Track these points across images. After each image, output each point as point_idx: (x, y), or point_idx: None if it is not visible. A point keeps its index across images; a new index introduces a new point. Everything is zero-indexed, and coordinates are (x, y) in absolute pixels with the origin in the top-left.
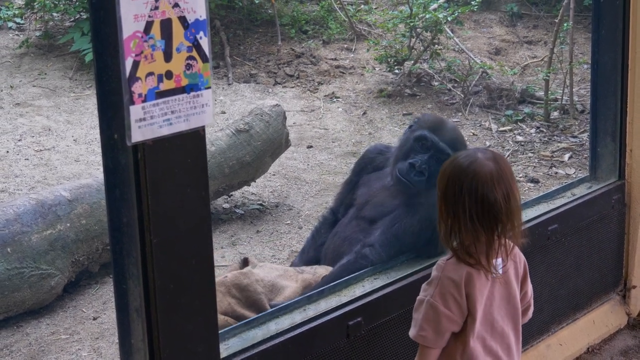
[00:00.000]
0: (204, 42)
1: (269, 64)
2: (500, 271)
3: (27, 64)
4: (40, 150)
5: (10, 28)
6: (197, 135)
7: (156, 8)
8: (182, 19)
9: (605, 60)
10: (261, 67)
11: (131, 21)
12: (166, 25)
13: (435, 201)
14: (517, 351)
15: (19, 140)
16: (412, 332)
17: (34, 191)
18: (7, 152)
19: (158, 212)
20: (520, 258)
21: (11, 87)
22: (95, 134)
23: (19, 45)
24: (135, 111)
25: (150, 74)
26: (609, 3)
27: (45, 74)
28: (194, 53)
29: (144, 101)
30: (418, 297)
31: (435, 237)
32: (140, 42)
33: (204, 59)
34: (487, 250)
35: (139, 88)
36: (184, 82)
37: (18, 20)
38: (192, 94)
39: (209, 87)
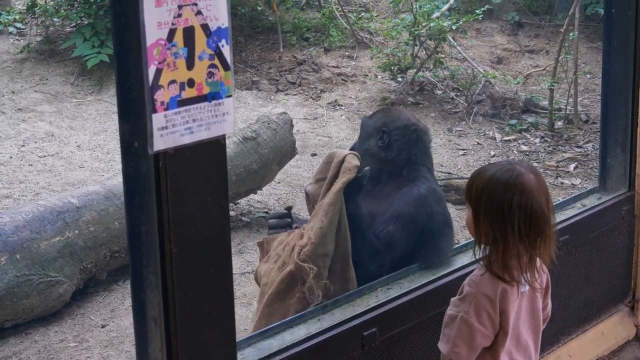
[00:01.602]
0: (226, 50)
1: (270, 71)
2: (535, 285)
3: (28, 69)
4: (44, 156)
5: (10, 33)
6: (217, 144)
7: (179, 15)
8: (205, 27)
9: (616, 70)
10: (263, 74)
11: (154, 28)
12: (189, 32)
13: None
14: None
15: (22, 145)
16: (444, 348)
17: (40, 197)
18: (11, 157)
19: (179, 220)
20: (544, 271)
21: (12, 92)
22: (99, 140)
23: (20, 51)
24: (158, 119)
25: (173, 81)
26: (620, 13)
27: (47, 79)
28: (216, 61)
29: (166, 109)
30: (449, 313)
31: (437, 243)
32: (163, 50)
33: (226, 67)
34: (527, 265)
35: (161, 96)
36: (206, 90)
37: (19, 25)
38: (213, 102)
39: (230, 96)
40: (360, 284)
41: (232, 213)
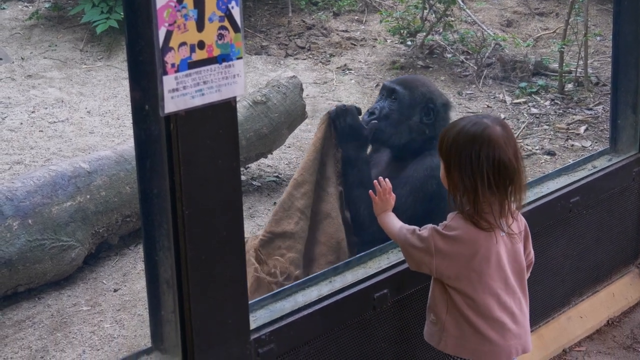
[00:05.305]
0: (236, 12)
1: (279, 36)
2: (509, 230)
3: (37, 36)
4: (54, 122)
5: (19, 0)
6: (228, 106)
7: None
8: None
9: (627, 31)
10: (272, 39)
11: None
12: None
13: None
14: (527, 306)
15: (32, 112)
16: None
17: (51, 163)
18: (21, 123)
19: (190, 183)
20: (521, 218)
21: (22, 58)
22: (109, 106)
23: (29, 17)
24: (168, 81)
25: (183, 43)
26: None
27: (56, 45)
28: (226, 23)
29: (176, 71)
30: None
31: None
32: (173, 12)
33: (236, 28)
34: (501, 211)
35: (171, 58)
36: (216, 52)
37: None
38: (223, 64)
39: (241, 58)
40: (368, 248)
41: (242, 177)
